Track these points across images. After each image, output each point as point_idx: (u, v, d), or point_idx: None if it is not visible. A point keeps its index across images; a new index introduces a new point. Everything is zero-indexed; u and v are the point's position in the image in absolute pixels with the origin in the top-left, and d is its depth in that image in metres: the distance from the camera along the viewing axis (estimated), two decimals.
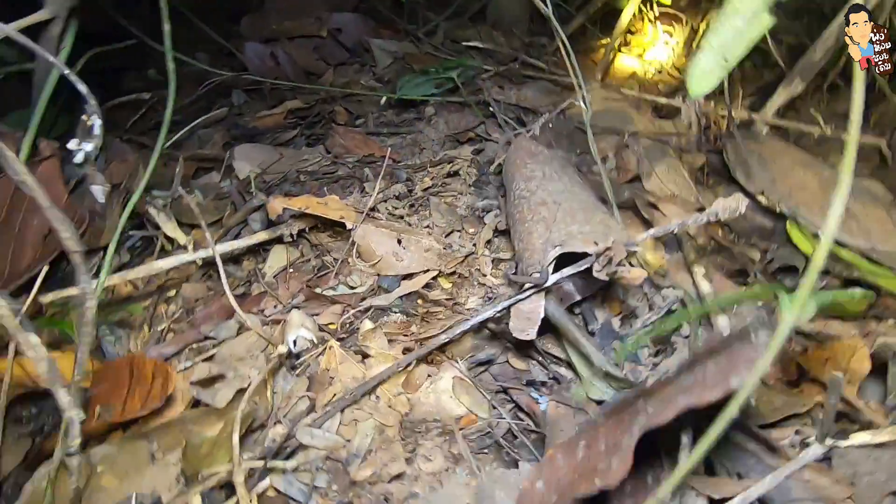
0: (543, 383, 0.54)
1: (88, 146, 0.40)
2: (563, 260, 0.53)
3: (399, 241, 0.66)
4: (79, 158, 0.40)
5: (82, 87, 0.41)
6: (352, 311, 0.59)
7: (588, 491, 0.37)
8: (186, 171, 0.90)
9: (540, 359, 0.55)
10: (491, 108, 1.06)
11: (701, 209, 0.82)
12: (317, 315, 0.60)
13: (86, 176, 0.75)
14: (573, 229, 0.56)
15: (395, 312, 0.62)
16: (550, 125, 0.98)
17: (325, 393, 0.52)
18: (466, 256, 0.68)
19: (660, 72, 1.33)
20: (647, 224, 0.73)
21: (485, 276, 0.67)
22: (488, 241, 0.71)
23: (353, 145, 0.98)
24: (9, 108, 0.80)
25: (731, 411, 0.29)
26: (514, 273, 0.59)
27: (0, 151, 0.39)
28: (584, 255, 0.52)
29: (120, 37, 0.92)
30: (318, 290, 0.64)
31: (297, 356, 0.56)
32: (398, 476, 0.46)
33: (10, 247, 0.60)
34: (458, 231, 0.75)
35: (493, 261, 0.69)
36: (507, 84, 1.19)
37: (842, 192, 0.27)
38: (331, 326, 0.59)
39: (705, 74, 0.36)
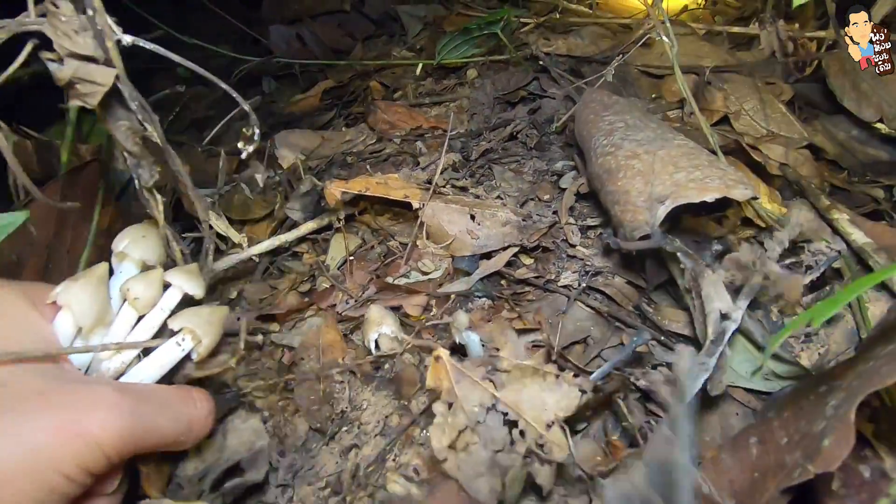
0: (669, 365, 0.46)
1: (251, 148, 0.48)
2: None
3: (473, 217, 0.58)
4: (244, 155, 0.48)
5: (243, 104, 0.46)
6: (434, 302, 0.52)
7: (791, 482, 0.29)
8: (228, 166, 0.84)
9: (662, 338, 0.47)
10: (541, 63, 0.96)
11: (809, 146, 0.71)
12: (397, 309, 0.53)
13: (131, 180, 0.70)
14: (679, 178, 0.47)
15: (479, 297, 0.55)
16: (613, 72, 0.87)
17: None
18: (550, 227, 0.60)
19: (715, 3, 1.19)
20: (755, 169, 0.63)
21: (574, 246, 0.59)
22: (571, 208, 0.63)
23: (398, 119, 0.91)
24: (50, 119, 0.77)
25: None
26: (615, 239, 0.51)
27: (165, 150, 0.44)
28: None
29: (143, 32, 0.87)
30: (388, 280, 0.57)
31: (378, 361, 0.49)
32: None
33: (66, 263, 0.56)
34: (532, 199, 0.67)
35: (580, 229, 0.60)
36: (551, 35, 1.08)
37: None
38: (412, 319, 0.53)
39: None
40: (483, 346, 0.45)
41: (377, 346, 0.49)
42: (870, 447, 0.32)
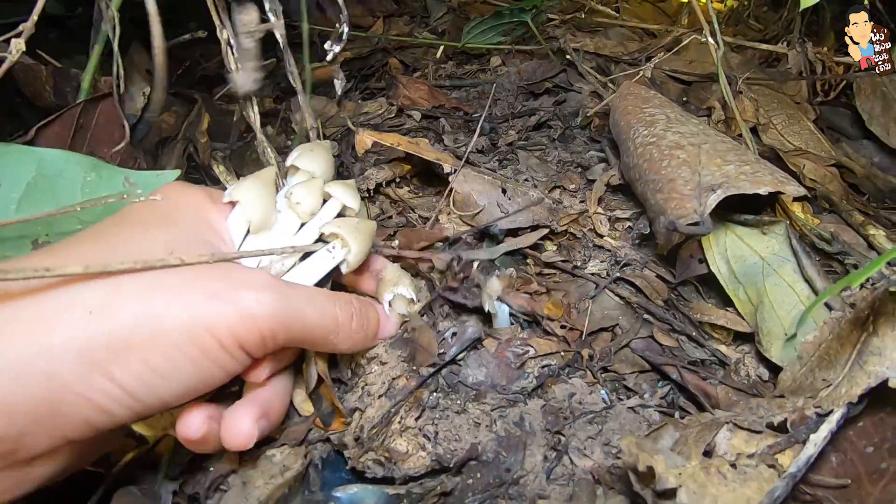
0: (703, 362, 0.44)
1: (337, 48, 0.53)
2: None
3: (504, 192, 0.56)
4: (329, 57, 0.53)
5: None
6: (457, 265, 0.49)
7: None
8: (241, 124, 0.81)
9: (695, 333, 0.46)
10: (568, 57, 0.95)
11: (837, 165, 0.71)
12: (416, 274, 0.50)
13: (141, 119, 0.67)
14: (729, 170, 0.46)
15: (505, 268, 0.52)
16: (642, 73, 0.86)
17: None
18: (580, 214, 0.58)
19: (737, 24, 1.20)
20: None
21: (601, 237, 0.57)
22: (599, 199, 0.61)
23: (419, 96, 0.88)
24: (76, 50, 0.73)
25: None
26: (662, 222, 0.48)
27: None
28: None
29: None
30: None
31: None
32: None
33: None
34: (559, 187, 0.65)
35: (608, 220, 0.59)
36: (578, 32, 1.07)
37: None
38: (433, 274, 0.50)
39: None
40: (511, 318, 0.42)
41: (390, 307, 0.45)
42: None
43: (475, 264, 0.46)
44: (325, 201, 0.44)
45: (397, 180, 0.66)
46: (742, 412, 0.36)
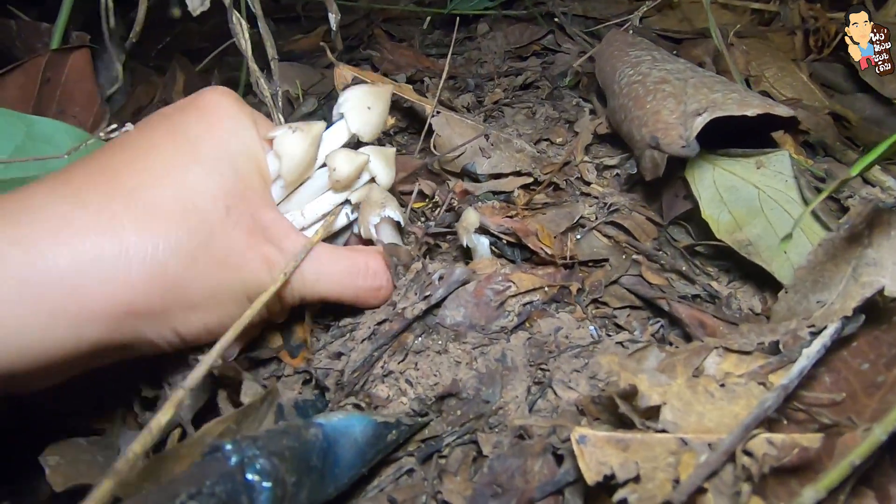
0: (694, 297, 0.42)
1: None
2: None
3: (487, 137, 0.54)
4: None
5: None
6: (439, 191, 0.47)
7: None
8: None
9: (685, 268, 0.44)
10: (556, 20, 0.93)
11: (832, 114, 0.69)
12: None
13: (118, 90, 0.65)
14: (716, 97, 0.44)
15: (489, 200, 0.51)
16: (631, 31, 0.84)
17: None
18: (565, 164, 0.56)
19: None
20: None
21: (589, 184, 0.55)
22: (587, 148, 0.59)
23: (405, 62, 0.86)
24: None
25: None
26: (636, 171, 0.47)
27: None
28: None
29: None
30: None
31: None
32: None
33: None
34: (546, 140, 0.63)
35: (596, 167, 0.57)
36: None
37: None
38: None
39: None
40: (492, 250, 0.41)
41: (377, 233, 0.43)
42: None
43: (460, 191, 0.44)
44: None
45: (381, 136, 0.64)
46: (733, 337, 0.34)
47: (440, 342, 0.40)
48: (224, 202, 0.34)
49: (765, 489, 0.26)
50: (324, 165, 0.42)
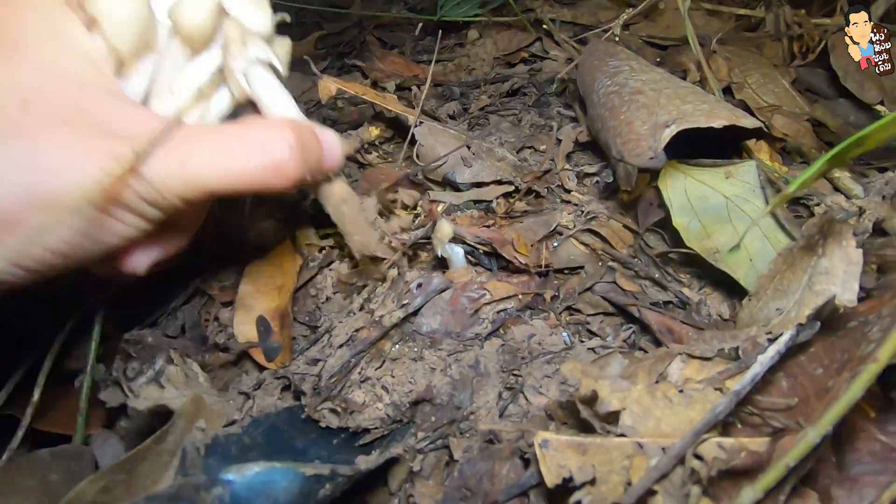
0: (665, 304, 0.44)
1: None
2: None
3: (468, 147, 0.55)
4: None
5: None
6: (422, 202, 0.48)
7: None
8: None
9: (657, 276, 0.45)
10: (545, 27, 0.94)
11: (812, 120, 0.70)
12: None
13: None
14: (686, 109, 0.46)
15: (469, 210, 0.52)
16: (617, 38, 0.85)
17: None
18: (546, 172, 0.57)
19: None
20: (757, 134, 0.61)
21: (569, 192, 0.56)
22: (568, 156, 0.61)
23: (395, 69, 0.88)
24: None
25: None
26: (612, 180, 0.48)
27: None
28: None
29: None
30: None
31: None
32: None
33: None
34: (529, 148, 0.64)
35: (576, 175, 0.58)
36: (555, 4, 1.07)
37: None
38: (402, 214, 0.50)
39: None
40: (468, 259, 0.42)
41: (250, 85, 0.36)
42: None
43: (439, 206, 0.45)
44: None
45: (365, 146, 0.66)
46: (696, 343, 0.35)
47: (416, 349, 0.41)
48: (16, 96, 0.27)
49: (715, 491, 0.27)
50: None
